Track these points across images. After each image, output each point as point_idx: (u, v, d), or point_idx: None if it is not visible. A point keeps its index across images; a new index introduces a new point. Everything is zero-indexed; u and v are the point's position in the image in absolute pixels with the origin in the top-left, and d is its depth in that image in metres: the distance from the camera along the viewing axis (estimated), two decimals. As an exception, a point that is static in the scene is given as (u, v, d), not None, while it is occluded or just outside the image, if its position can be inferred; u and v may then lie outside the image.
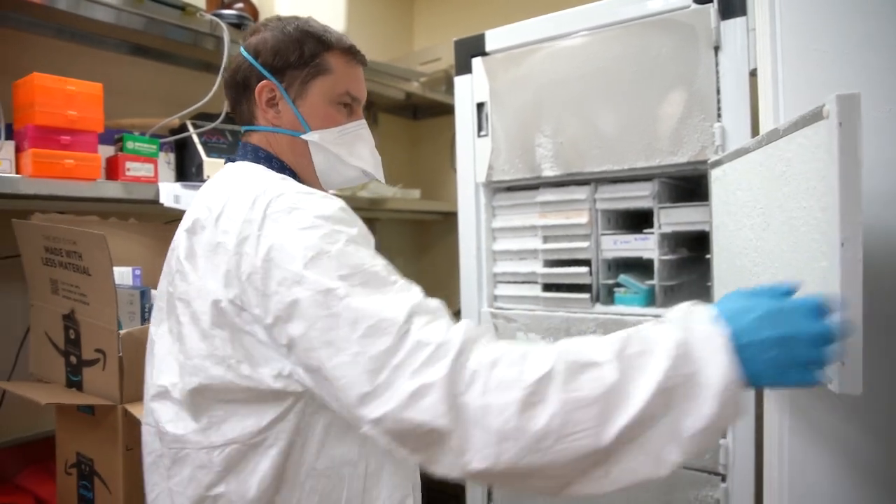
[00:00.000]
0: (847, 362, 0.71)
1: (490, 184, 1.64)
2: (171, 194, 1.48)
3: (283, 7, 1.93)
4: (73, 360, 1.29)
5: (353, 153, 1.06)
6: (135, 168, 1.50)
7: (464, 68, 1.66)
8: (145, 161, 1.51)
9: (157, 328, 0.96)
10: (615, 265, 1.53)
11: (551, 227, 1.54)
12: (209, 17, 1.67)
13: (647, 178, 1.42)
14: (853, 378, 0.71)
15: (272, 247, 0.79)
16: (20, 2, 1.45)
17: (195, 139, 1.69)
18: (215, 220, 0.86)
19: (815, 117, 0.77)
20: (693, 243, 1.53)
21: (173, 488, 0.87)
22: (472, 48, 1.65)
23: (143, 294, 1.38)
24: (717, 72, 1.30)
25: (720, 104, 1.30)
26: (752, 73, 1.25)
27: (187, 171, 1.70)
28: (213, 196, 0.91)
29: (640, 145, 1.39)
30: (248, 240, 0.81)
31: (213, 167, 1.63)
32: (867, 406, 1.08)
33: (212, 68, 1.81)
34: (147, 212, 1.68)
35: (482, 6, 2.75)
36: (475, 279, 1.66)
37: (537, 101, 1.53)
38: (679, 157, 1.34)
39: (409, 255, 2.96)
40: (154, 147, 1.54)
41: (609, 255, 1.49)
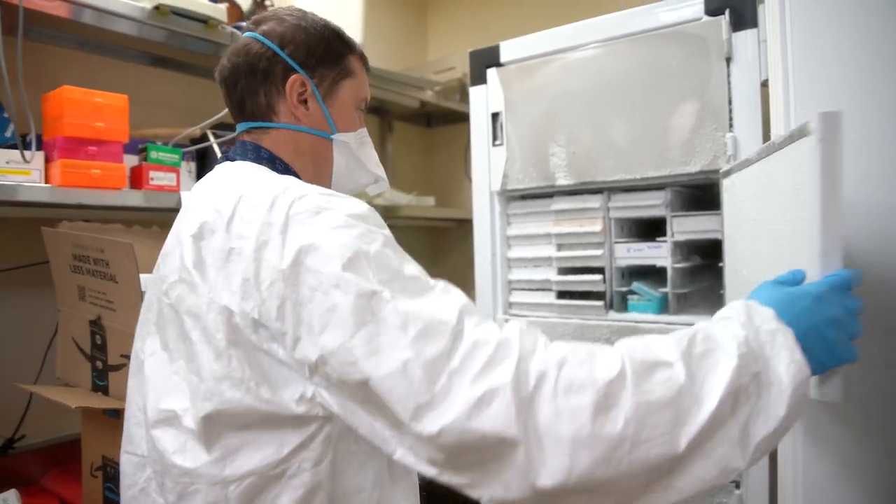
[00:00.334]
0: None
1: (505, 192, 1.66)
2: (194, 203, 1.51)
3: (301, 19, 1.97)
4: (100, 364, 1.32)
5: (370, 159, 1.04)
6: (158, 177, 1.54)
7: (479, 79, 1.69)
8: (168, 170, 1.55)
9: (143, 343, 0.87)
10: (628, 273, 1.54)
11: (565, 235, 1.56)
12: (230, 29, 1.71)
13: (659, 187, 1.44)
14: (834, 386, 0.73)
15: (301, 249, 0.70)
16: (48, 16, 1.49)
17: (216, 148, 1.73)
18: (226, 224, 0.77)
19: (801, 133, 0.78)
20: (706, 251, 1.54)
21: None
22: (487, 59, 1.68)
23: (167, 300, 1.42)
24: (729, 82, 1.32)
25: (732, 114, 1.32)
26: (764, 84, 1.27)
27: (208, 179, 1.73)
28: (220, 197, 0.81)
29: (652, 155, 1.41)
30: (269, 244, 0.72)
31: (234, 176, 1.67)
32: (881, 414, 1.09)
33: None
34: (170, 220, 1.68)
35: (495, 16, 2.78)
36: (490, 286, 1.69)
37: (551, 111, 1.55)
38: (691, 166, 1.36)
39: (423, 261, 2.94)
40: (177, 157, 1.58)
41: (622, 262, 1.51)
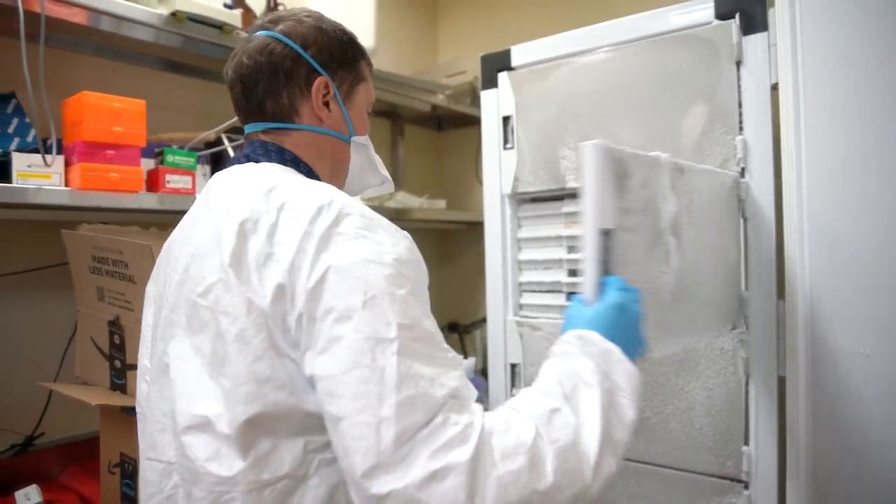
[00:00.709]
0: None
1: (515, 195, 1.68)
2: (209, 206, 1.54)
3: (314, 24, 1.99)
4: (118, 364, 1.35)
5: (379, 161, 1.07)
6: (174, 180, 1.56)
7: (490, 83, 1.71)
8: (184, 173, 1.58)
9: (166, 346, 0.84)
10: (639, 275, 1.55)
11: (576, 238, 1.58)
12: (245, 34, 1.73)
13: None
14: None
15: (330, 268, 0.72)
16: (67, 23, 1.52)
17: (230, 152, 1.75)
18: (269, 229, 0.77)
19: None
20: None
21: None
22: (498, 63, 1.69)
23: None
24: (739, 86, 1.33)
25: (742, 118, 1.33)
26: (774, 87, 1.28)
27: (223, 182, 1.76)
28: (258, 200, 0.81)
29: (662, 158, 1.42)
30: (305, 255, 0.73)
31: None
32: (889, 411, 1.10)
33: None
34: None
35: (506, 20, 2.80)
36: (501, 288, 1.70)
37: (562, 114, 1.57)
38: (701, 169, 1.37)
39: (434, 264, 2.99)
40: (192, 160, 1.61)
41: (632, 264, 1.52)
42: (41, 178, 1.33)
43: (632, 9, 1.50)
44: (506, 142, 1.69)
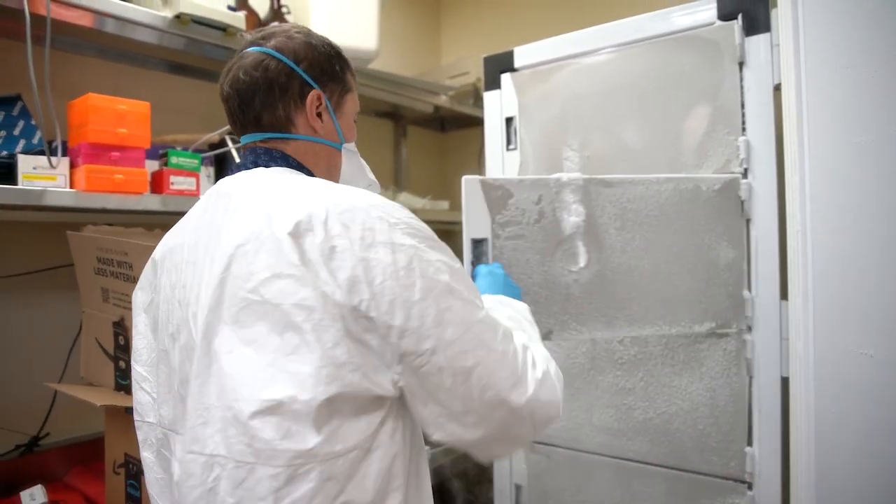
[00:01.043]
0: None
1: (518, 196, 1.69)
2: (213, 207, 1.55)
3: (317, 24, 2.00)
4: (122, 364, 1.36)
5: (366, 166, 1.14)
6: (178, 182, 1.57)
7: (493, 84, 1.71)
8: (188, 175, 1.58)
9: (210, 342, 0.87)
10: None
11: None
12: (248, 36, 1.74)
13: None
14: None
15: (413, 257, 0.83)
16: (72, 26, 1.53)
17: (234, 154, 1.76)
18: (323, 225, 0.83)
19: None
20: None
21: None
22: (501, 64, 1.70)
23: (187, 302, 1.45)
24: (742, 87, 1.33)
25: (745, 118, 1.33)
26: (777, 88, 1.28)
27: (226, 184, 1.77)
28: (305, 199, 0.86)
29: (665, 159, 1.42)
30: (378, 247, 0.82)
31: (252, 181, 1.70)
32: (892, 415, 1.10)
33: (250, 85, 1.88)
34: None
35: (509, 21, 2.80)
36: (504, 289, 1.71)
37: (564, 115, 1.57)
38: (704, 170, 1.37)
39: (437, 264, 3.00)
40: (196, 162, 1.61)
41: (635, 265, 1.53)
42: (46, 179, 1.34)
43: (634, 10, 1.50)
44: (509, 143, 1.69)
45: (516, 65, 1.67)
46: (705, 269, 1.36)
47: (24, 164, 1.31)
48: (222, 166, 1.80)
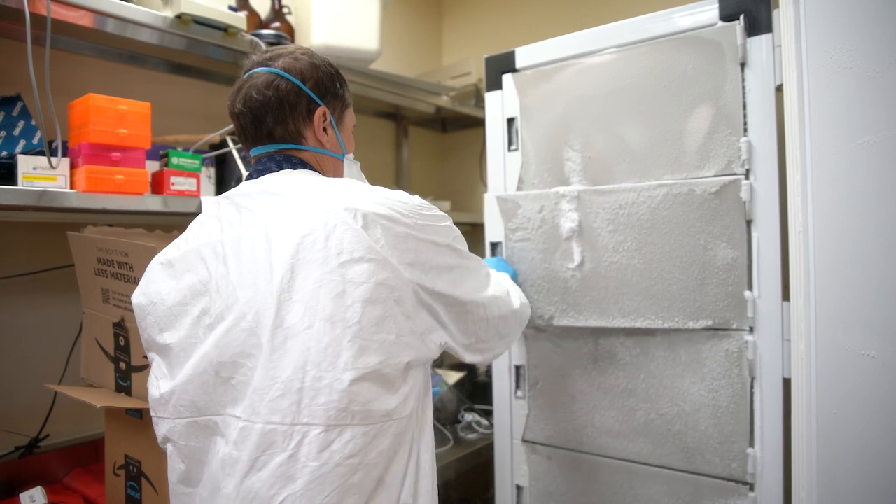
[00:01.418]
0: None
1: (519, 196, 1.69)
2: (214, 207, 1.54)
3: (318, 27, 1.99)
4: (123, 365, 1.35)
5: (362, 174, 1.27)
6: (179, 182, 1.57)
7: (494, 84, 1.71)
8: (189, 176, 1.58)
9: (281, 321, 0.93)
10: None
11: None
12: (249, 37, 1.74)
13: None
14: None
15: (455, 237, 1.09)
16: (73, 26, 1.53)
17: (235, 154, 1.75)
18: (388, 215, 0.97)
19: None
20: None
21: (373, 461, 0.93)
22: (502, 65, 1.69)
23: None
24: (744, 87, 1.33)
25: (746, 119, 1.33)
26: (778, 89, 1.28)
27: (227, 184, 1.77)
28: (362, 196, 0.99)
29: (666, 159, 1.42)
30: (428, 230, 1.02)
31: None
32: (894, 416, 1.09)
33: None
34: (189, 224, 1.74)
35: (510, 22, 2.80)
36: (505, 289, 1.72)
37: (566, 116, 1.57)
38: (706, 171, 1.37)
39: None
40: (197, 162, 1.61)
41: (637, 266, 1.53)
42: (47, 180, 1.34)
43: (636, 10, 1.50)
44: (510, 143, 1.69)
45: (518, 65, 1.67)
46: (700, 268, 1.37)
47: (25, 164, 1.31)
48: (223, 167, 1.80)
